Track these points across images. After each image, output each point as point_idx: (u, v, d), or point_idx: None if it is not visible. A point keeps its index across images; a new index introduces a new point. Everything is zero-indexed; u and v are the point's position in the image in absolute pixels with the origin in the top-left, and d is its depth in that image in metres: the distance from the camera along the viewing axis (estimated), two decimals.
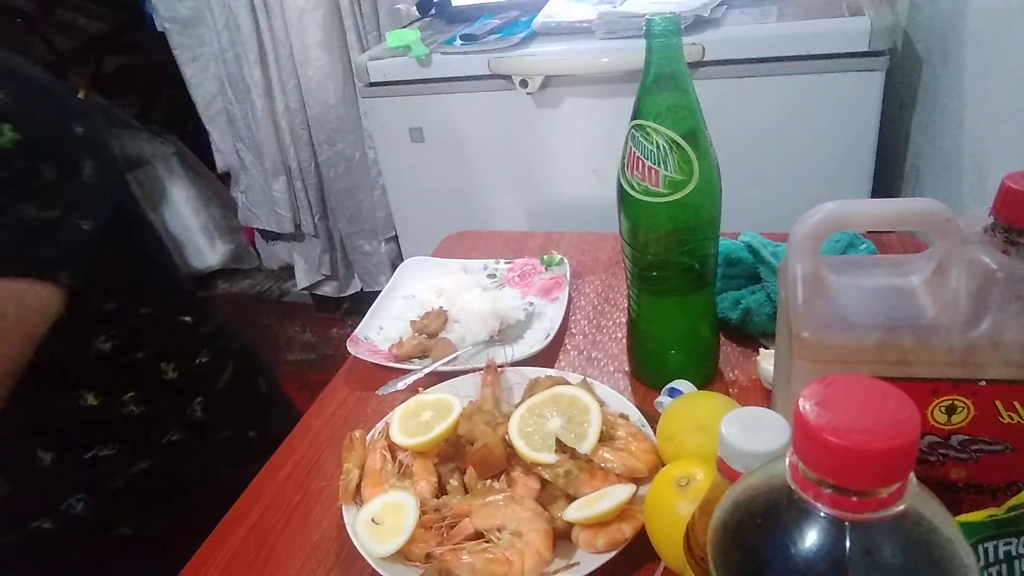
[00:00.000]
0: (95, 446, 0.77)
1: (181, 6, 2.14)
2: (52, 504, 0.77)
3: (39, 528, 0.76)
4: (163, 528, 0.71)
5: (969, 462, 0.46)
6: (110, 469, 0.78)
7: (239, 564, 0.61)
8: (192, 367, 0.84)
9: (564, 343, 0.82)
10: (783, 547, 0.27)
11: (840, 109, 1.24)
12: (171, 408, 0.83)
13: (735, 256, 0.79)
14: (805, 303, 0.46)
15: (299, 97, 2.08)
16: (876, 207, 0.46)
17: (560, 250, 0.97)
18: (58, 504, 0.76)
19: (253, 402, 0.95)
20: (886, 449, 0.25)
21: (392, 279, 0.95)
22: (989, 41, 0.96)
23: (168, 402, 0.82)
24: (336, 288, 2.46)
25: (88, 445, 0.77)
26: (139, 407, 0.78)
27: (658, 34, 0.56)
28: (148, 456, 0.81)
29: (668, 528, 0.49)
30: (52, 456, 0.75)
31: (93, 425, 0.77)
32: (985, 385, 0.43)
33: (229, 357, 0.91)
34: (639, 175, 0.60)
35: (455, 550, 0.54)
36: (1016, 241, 0.43)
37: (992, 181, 0.77)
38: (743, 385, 0.71)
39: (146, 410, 0.79)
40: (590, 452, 0.58)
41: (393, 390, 0.75)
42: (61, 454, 0.76)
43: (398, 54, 1.45)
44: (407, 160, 1.56)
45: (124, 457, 0.79)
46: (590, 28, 1.34)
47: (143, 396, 0.79)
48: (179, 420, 0.83)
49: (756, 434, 0.37)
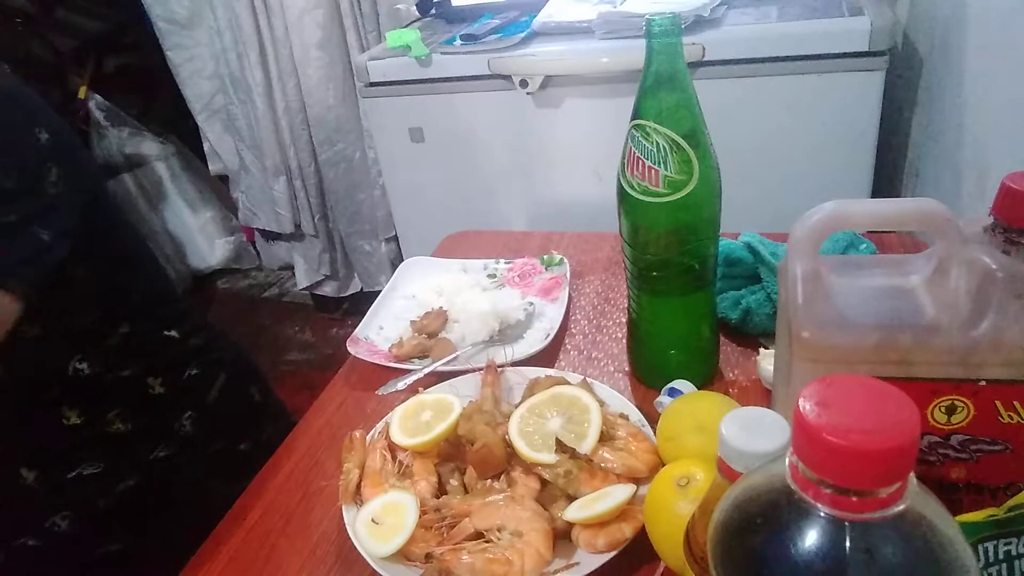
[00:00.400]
0: (80, 464, 0.75)
1: (180, 6, 2.14)
2: (36, 522, 0.75)
3: (24, 545, 0.75)
4: (154, 544, 0.70)
5: (969, 462, 0.46)
6: (96, 487, 0.76)
7: (239, 564, 0.61)
8: (180, 381, 0.82)
9: (564, 343, 0.82)
10: (783, 547, 0.27)
11: (840, 109, 1.24)
12: (159, 424, 0.81)
13: (735, 256, 0.78)
14: (805, 303, 0.46)
15: (299, 97, 2.08)
16: (876, 207, 0.46)
17: (560, 250, 0.97)
18: (42, 522, 0.75)
19: (246, 412, 0.93)
20: (886, 449, 0.25)
21: (392, 279, 0.95)
22: (989, 41, 0.96)
23: (155, 418, 0.80)
24: (336, 288, 2.47)
25: (72, 463, 0.75)
26: (125, 424, 0.76)
27: (658, 34, 0.56)
28: (135, 473, 0.79)
29: (668, 528, 0.49)
30: (35, 475, 0.73)
31: (77, 443, 0.75)
32: (985, 385, 0.43)
33: (220, 367, 0.89)
34: (639, 175, 0.60)
35: (455, 550, 0.54)
36: (1016, 241, 0.43)
37: (992, 181, 0.77)
38: (743, 385, 0.71)
39: (132, 427, 0.77)
40: (590, 452, 0.58)
41: (393, 390, 0.75)
42: (44, 472, 0.74)
43: (398, 54, 1.45)
44: (407, 160, 1.56)
45: (110, 475, 0.77)
46: (590, 28, 1.34)
47: (129, 412, 0.77)
48: (167, 435, 0.81)
49: (756, 434, 0.37)
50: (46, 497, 0.75)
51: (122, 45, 2.57)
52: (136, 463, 0.79)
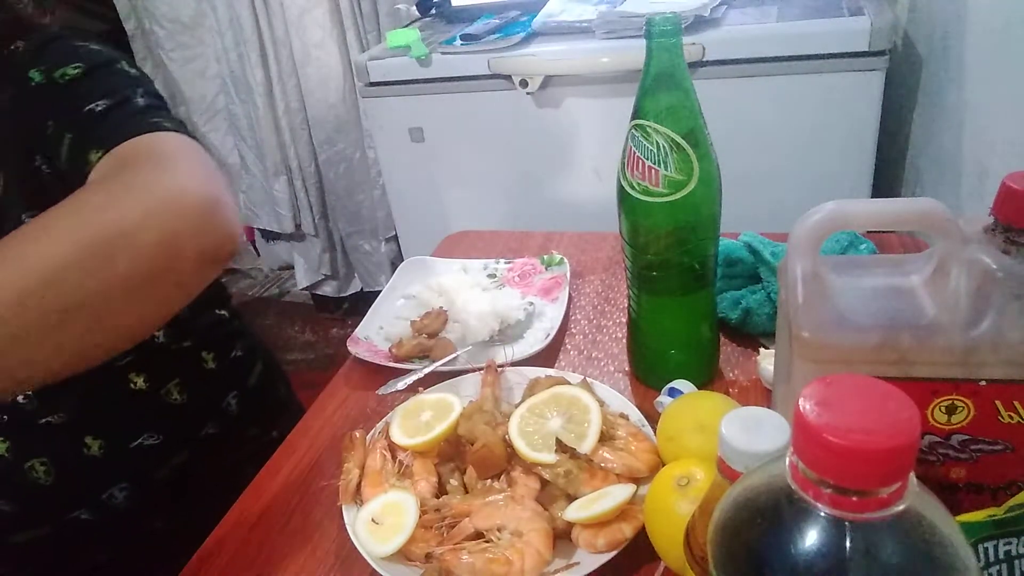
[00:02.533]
0: (142, 434, 0.77)
1: (181, 6, 2.14)
2: (95, 493, 0.76)
3: (76, 519, 0.76)
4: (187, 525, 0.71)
5: (969, 462, 0.46)
6: (154, 459, 0.78)
7: (239, 564, 0.61)
8: (228, 359, 0.85)
9: (564, 343, 0.82)
10: (783, 547, 0.27)
11: (840, 109, 1.24)
12: (209, 399, 0.83)
13: (735, 256, 0.79)
14: (805, 303, 0.46)
15: (299, 97, 2.08)
16: (876, 207, 0.46)
17: (560, 250, 0.97)
18: (100, 493, 0.76)
19: (276, 403, 0.96)
20: (886, 449, 0.25)
21: (392, 279, 0.95)
22: (989, 41, 0.96)
23: (207, 392, 0.83)
24: (336, 288, 2.47)
25: (135, 433, 0.76)
26: (182, 395, 0.79)
27: (658, 34, 0.56)
28: (187, 447, 0.81)
29: (668, 528, 0.49)
30: (100, 443, 0.75)
31: (141, 410, 0.77)
32: (985, 385, 0.43)
33: (258, 355, 0.92)
34: (639, 175, 0.60)
35: (455, 550, 0.54)
36: (1016, 241, 0.43)
37: (992, 181, 0.77)
38: (743, 385, 0.71)
39: (188, 398, 0.79)
40: (590, 452, 0.58)
41: (393, 390, 0.75)
42: (109, 441, 0.75)
43: (398, 54, 1.45)
44: (407, 160, 1.56)
45: (167, 447, 0.79)
46: (590, 28, 1.34)
47: (186, 383, 0.79)
48: (215, 412, 0.84)
49: (756, 434, 0.37)
50: (108, 467, 0.75)
51: (122, 45, 2.57)
52: (188, 437, 0.81)
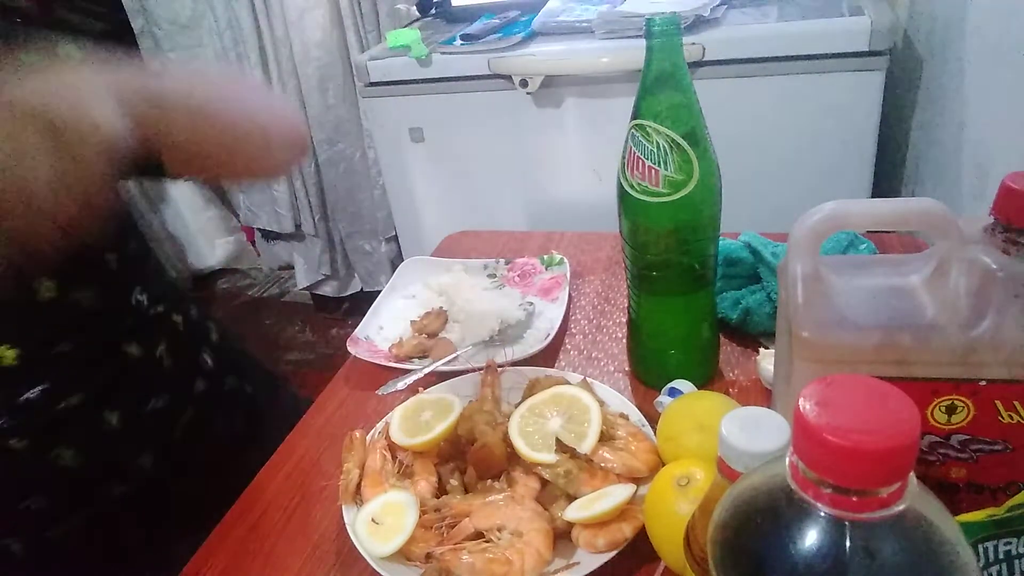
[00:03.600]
0: (150, 399, 0.77)
1: (180, 7, 2.14)
2: (124, 462, 0.76)
3: (110, 496, 0.75)
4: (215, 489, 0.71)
5: (969, 462, 0.46)
6: (166, 420, 0.78)
7: (239, 564, 0.61)
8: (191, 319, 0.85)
9: (564, 343, 0.82)
10: (783, 547, 0.27)
11: (840, 109, 1.24)
12: (190, 358, 0.83)
13: (735, 256, 0.78)
14: (805, 303, 0.46)
15: (299, 97, 2.08)
16: (876, 207, 0.46)
17: (560, 250, 0.97)
18: (128, 462, 0.76)
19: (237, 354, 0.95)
20: (886, 449, 0.25)
21: (392, 279, 0.95)
22: (989, 41, 0.96)
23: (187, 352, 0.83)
24: (336, 288, 2.47)
25: (144, 399, 0.77)
26: (170, 358, 0.79)
27: (658, 34, 0.56)
28: (191, 405, 0.81)
29: (668, 528, 0.49)
30: (117, 415, 0.74)
31: (144, 378, 0.77)
32: (985, 385, 0.43)
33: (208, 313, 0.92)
34: (639, 175, 0.60)
35: (455, 550, 0.54)
36: (1016, 241, 0.43)
37: (992, 181, 0.77)
38: (743, 385, 0.71)
39: (175, 360, 0.79)
40: (590, 452, 0.58)
41: (393, 390, 0.75)
42: (124, 411, 0.75)
43: (398, 54, 1.45)
44: (407, 160, 1.56)
45: (174, 407, 0.79)
46: (590, 28, 1.34)
47: (170, 346, 0.79)
48: (198, 369, 0.84)
49: (756, 434, 0.37)
50: (129, 436, 0.75)
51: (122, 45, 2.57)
52: (188, 395, 0.81)
